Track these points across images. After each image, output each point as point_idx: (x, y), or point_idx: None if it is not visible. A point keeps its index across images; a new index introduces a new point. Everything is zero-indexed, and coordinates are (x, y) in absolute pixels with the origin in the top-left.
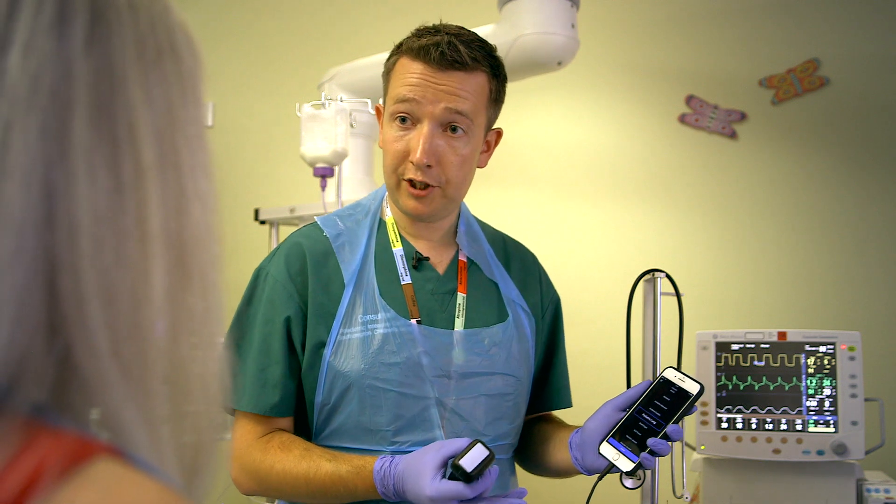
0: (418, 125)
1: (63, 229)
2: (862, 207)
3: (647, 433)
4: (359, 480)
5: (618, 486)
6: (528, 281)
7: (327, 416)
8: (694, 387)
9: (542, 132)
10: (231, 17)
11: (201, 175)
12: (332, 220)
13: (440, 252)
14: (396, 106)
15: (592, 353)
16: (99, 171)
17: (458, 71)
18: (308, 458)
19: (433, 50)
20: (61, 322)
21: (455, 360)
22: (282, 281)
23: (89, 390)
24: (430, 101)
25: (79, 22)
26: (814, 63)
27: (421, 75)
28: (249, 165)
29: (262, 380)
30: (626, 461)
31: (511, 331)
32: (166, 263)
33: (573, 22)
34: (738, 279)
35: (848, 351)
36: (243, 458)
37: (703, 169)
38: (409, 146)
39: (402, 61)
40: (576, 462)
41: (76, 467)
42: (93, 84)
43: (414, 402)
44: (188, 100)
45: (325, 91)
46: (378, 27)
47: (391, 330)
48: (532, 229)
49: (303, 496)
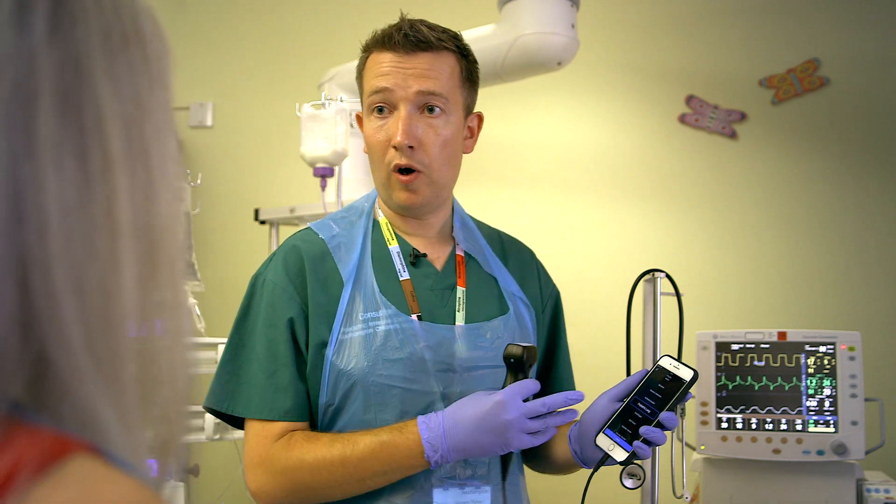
0: (395, 112)
1: (32, 224)
2: (862, 207)
3: (642, 422)
4: (401, 438)
5: (618, 486)
6: (527, 275)
7: (332, 417)
8: (688, 373)
9: (542, 132)
10: (231, 17)
11: (169, 162)
12: (326, 223)
13: (437, 248)
14: (372, 98)
15: (592, 353)
16: (67, 163)
17: (425, 52)
18: (341, 439)
19: (396, 34)
20: (34, 318)
21: (458, 355)
22: (281, 284)
23: (63, 386)
24: (401, 86)
25: (40, 12)
26: (814, 63)
27: (390, 63)
28: (249, 165)
29: (272, 385)
30: (620, 451)
31: (512, 323)
32: (136, 254)
33: (573, 22)
34: (738, 279)
35: (848, 351)
36: (266, 463)
37: (703, 169)
38: (390, 133)
39: (371, 57)
40: (575, 455)
41: (53, 465)
42: (58, 75)
43: (419, 398)
44: (155, 85)
45: (325, 91)
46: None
47: (393, 326)
48: (532, 229)
49: (338, 483)
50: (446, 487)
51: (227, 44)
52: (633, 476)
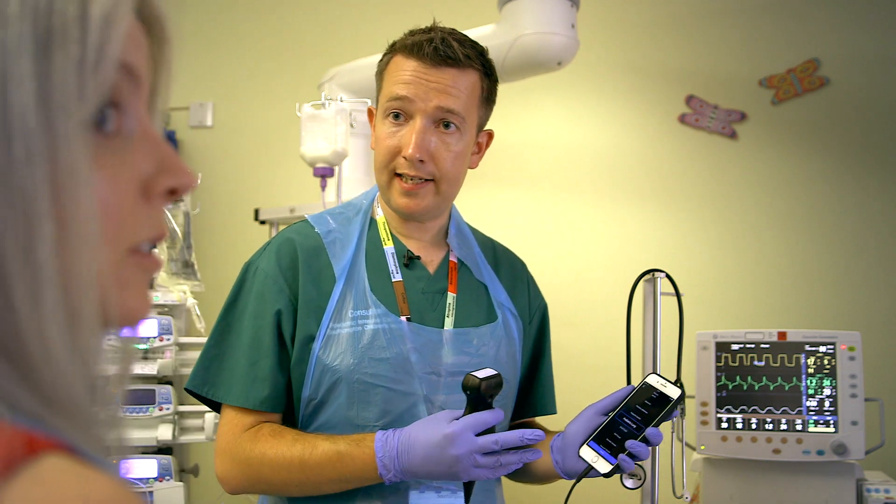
0: (410, 121)
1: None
2: (862, 207)
3: (627, 436)
4: (357, 451)
5: (618, 486)
6: (517, 286)
7: (314, 410)
8: (675, 392)
9: (542, 132)
10: (231, 17)
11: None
12: (323, 217)
13: (431, 252)
14: (390, 103)
15: (592, 354)
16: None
17: (451, 68)
18: (303, 440)
19: (426, 46)
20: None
21: (444, 359)
22: (272, 275)
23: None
24: (421, 98)
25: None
26: (814, 63)
27: (414, 72)
28: (249, 165)
29: (252, 374)
30: (604, 463)
31: (499, 332)
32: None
33: (573, 22)
34: (738, 279)
35: (848, 351)
36: (232, 451)
37: (703, 169)
38: (402, 142)
39: (396, 59)
40: (556, 466)
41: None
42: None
43: (402, 399)
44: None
45: (325, 91)
46: (378, 27)
47: (381, 325)
48: (532, 229)
49: (295, 483)
50: (422, 490)
51: (227, 44)
52: (634, 476)
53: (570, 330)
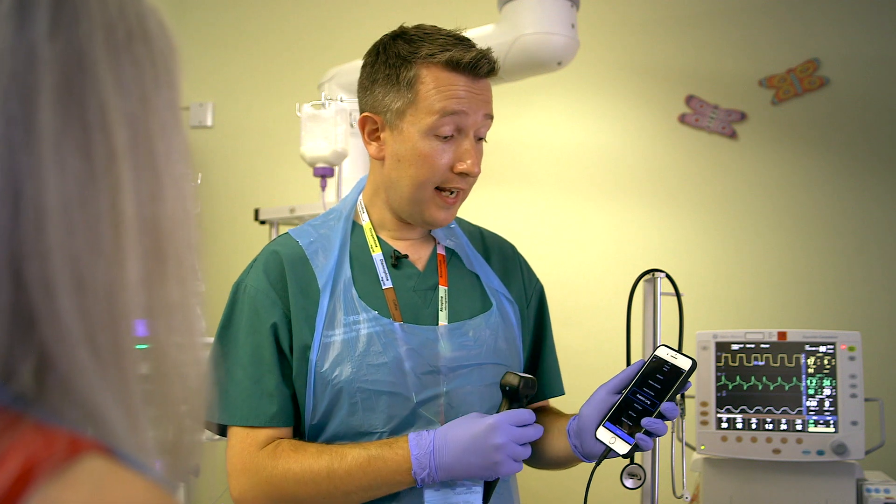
0: (459, 136)
1: (29, 215)
2: (862, 207)
3: (643, 413)
4: (390, 453)
5: (618, 486)
6: (510, 270)
7: (320, 420)
8: (686, 362)
9: (542, 132)
10: (231, 17)
11: (177, 159)
12: (305, 229)
13: (418, 249)
14: (444, 119)
15: (592, 353)
16: (68, 156)
17: (487, 79)
18: (329, 451)
19: (483, 63)
20: (33, 311)
21: (442, 355)
22: (263, 289)
23: (65, 381)
24: (474, 111)
25: (41, 7)
26: (814, 63)
27: (465, 87)
28: (249, 165)
29: (257, 391)
30: (622, 444)
31: (496, 319)
32: (141, 250)
33: (573, 22)
34: (738, 279)
35: (848, 351)
36: (251, 470)
37: (703, 169)
38: (457, 158)
39: (435, 73)
40: (575, 450)
41: (66, 464)
42: (59, 69)
43: (406, 401)
44: (161, 83)
45: (325, 91)
46: (378, 27)
47: (375, 329)
48: (532, 229)
49: (323, 496)
50: (437, 488)
51: (227, 44)
52: (634, 476)
53: (569, 329)
